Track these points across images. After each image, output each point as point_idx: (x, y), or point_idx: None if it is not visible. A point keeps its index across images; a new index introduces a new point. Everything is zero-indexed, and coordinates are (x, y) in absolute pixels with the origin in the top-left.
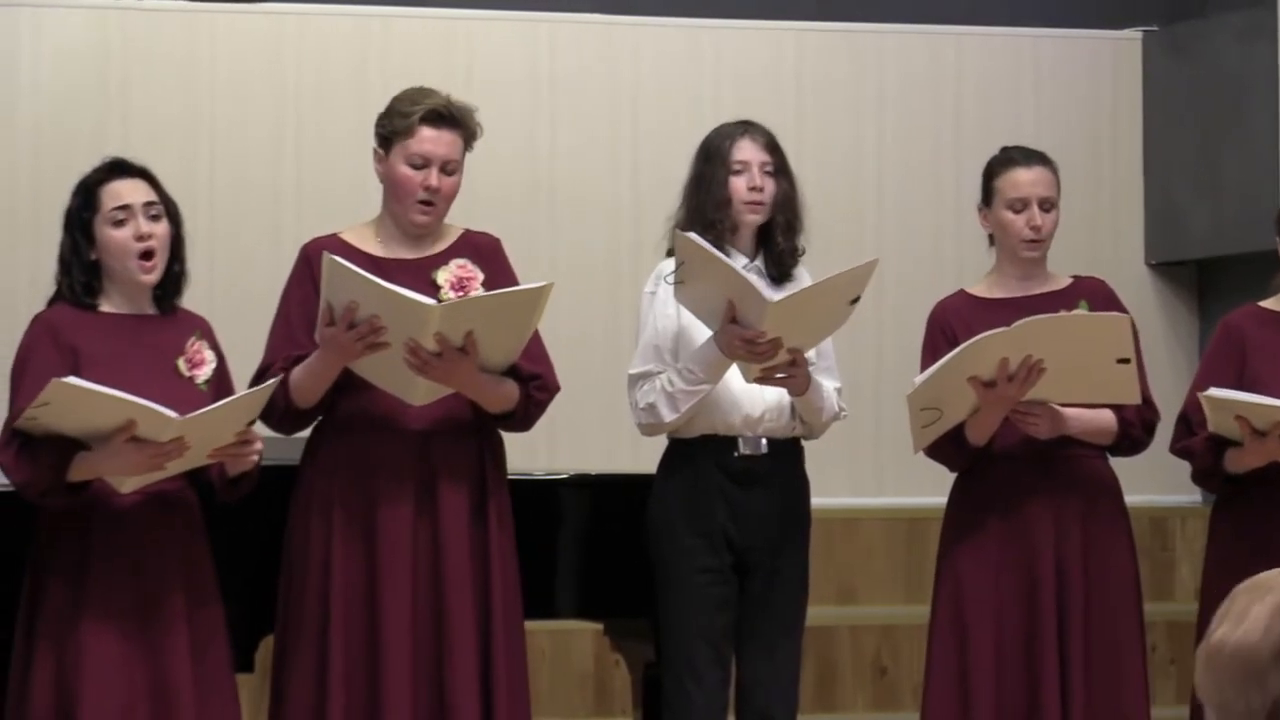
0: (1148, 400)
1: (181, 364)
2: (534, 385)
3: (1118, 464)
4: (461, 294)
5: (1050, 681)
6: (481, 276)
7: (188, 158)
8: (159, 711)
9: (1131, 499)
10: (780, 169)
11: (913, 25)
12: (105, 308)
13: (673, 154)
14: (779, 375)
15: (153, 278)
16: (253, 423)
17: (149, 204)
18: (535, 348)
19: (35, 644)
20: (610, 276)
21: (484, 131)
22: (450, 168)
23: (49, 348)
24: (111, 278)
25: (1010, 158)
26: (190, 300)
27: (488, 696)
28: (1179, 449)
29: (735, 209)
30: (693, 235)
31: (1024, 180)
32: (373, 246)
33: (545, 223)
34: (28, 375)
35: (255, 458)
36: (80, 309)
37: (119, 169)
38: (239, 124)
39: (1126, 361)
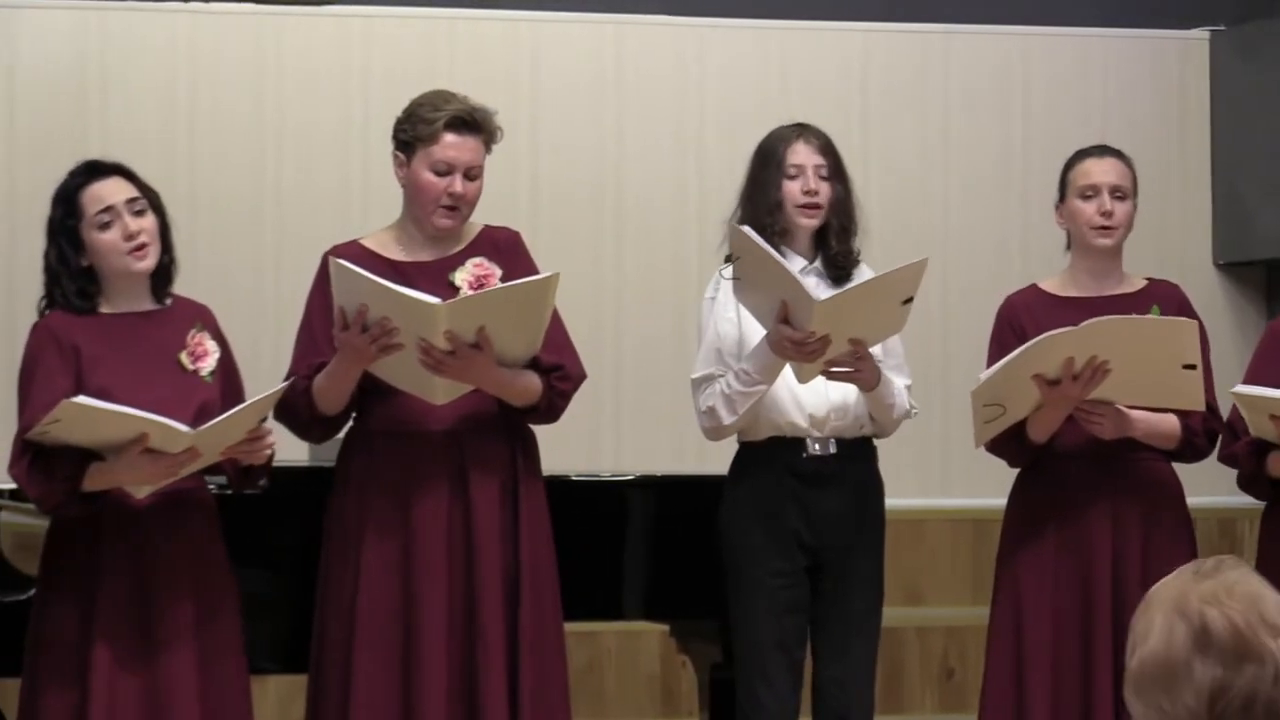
0: (1213, 409)
1: (184, 358)
2: (555, 376)
3: (1187, 464)
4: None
5: (1104, 692)
6: (499, 273)
7: (254, 160)
8: None
9: (1200, 500)
10: (835, 172)
11: (980, 25)
12: (104, 309)
13: (740, 156)
14: (844, 370)
15: (147, 264)
16: (263, 420)
17: (131, 200)
18: (557, 337)
19: (43, 663)
20: (677, 278)
21: (549, 133)
22: (473, 173)
23: (52, 355)
24: (107, 278)
25: (1083, 151)
26: (257, 301)
27: (519, 688)
28: (1225, 456)
29: (789, 213)
30: (747, 229)
31: (1094, 169)
32: (393, 251)
33: (611, 225)
34: (35, 385)
35: (268, 452)
36: (78, 314)
37: (95, 170)
38: (305, 126)
39: (1193, 367)
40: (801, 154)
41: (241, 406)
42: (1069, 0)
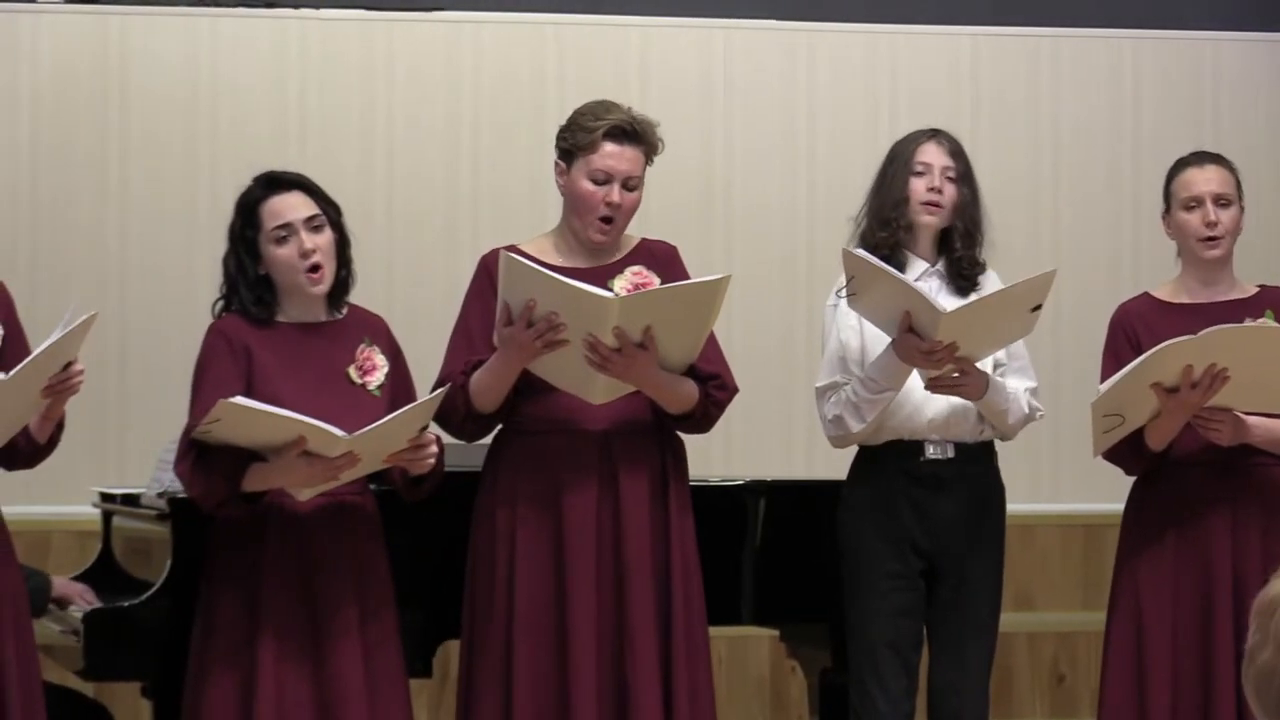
0: None
1: (352, 371)
2: (713, 385)
3: None
4: None
5: (1226, 698)
6: (657, 281)
7: (365, 164)
8: None
9: None
10: (963, 176)
11: (1090, 29)
12: (278, 318)
13: (849, 160)
14: (948, 385)
15: (322, 289)
16: (426, 427)
17: (310, 218)
18: (712, 350)
19: (210, 657)
20: (786, 283)
21: (664, 144)
22: (631, 183)
23: (223, 357)
24: (281, 289)
25: (1183, 160)
26: (368, 303)
27: (670, 683)
28: None
29: (912, 208)
30: (859, 251)
31: (1196, 178)
32: (552, 257)
33: (721, 230)
34: (204, 386)
35: (431, 460)
36: (253, 322)
37: (275, 183)
38: (415, 130)
39: None
40: (931, 154)
41: (399, 412)
42: (1180, 3)
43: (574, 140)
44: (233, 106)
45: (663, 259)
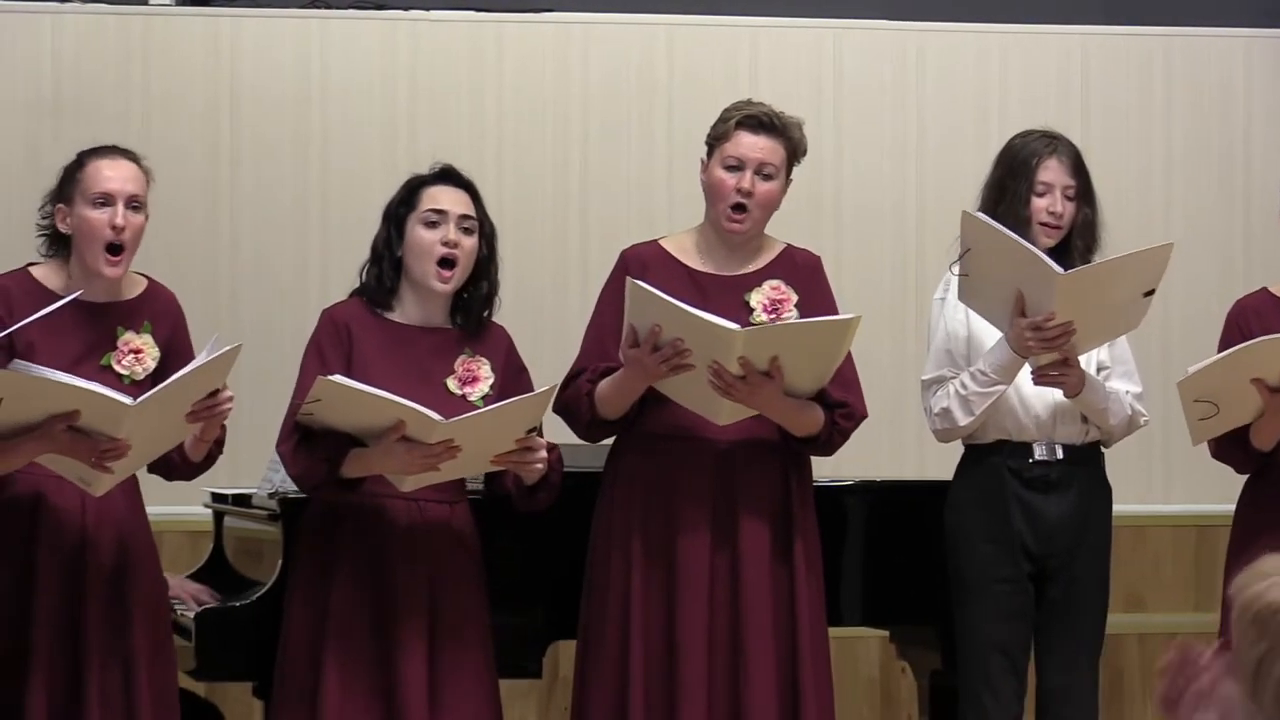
0: None
1: (451, 382)
2: (840, 413)
3: None
4: (774, 316)
5: None
6: (795, 299)
7: (474, 165)
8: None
9: None
10: (1083, 192)
11: (1201, 29)
12: (395, 316)
13: (958, 162)
14: (1050, 374)
15: (447, 288)
16: (534, 430)
17: (464, 216)
18: (847, 373)
19: (285, 657)
20: (895, 285)
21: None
22: (767, 171)
23: (329, 342)
24: (410, 279)
25: None
26: None
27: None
28: None
29: (1033, 229)
30: (980, 215)
31: None
32: (691, 258)
33: (830, 232)
34: (308, 370)
35: (540, 465)
36: (370, 311)
37: (446, 176)
38: (524, 132)
39: None
40: (1052, 172)
41: (501, 404)
42: None
43: (713, 133)
44: (342, 108)
45: (804, 272)
